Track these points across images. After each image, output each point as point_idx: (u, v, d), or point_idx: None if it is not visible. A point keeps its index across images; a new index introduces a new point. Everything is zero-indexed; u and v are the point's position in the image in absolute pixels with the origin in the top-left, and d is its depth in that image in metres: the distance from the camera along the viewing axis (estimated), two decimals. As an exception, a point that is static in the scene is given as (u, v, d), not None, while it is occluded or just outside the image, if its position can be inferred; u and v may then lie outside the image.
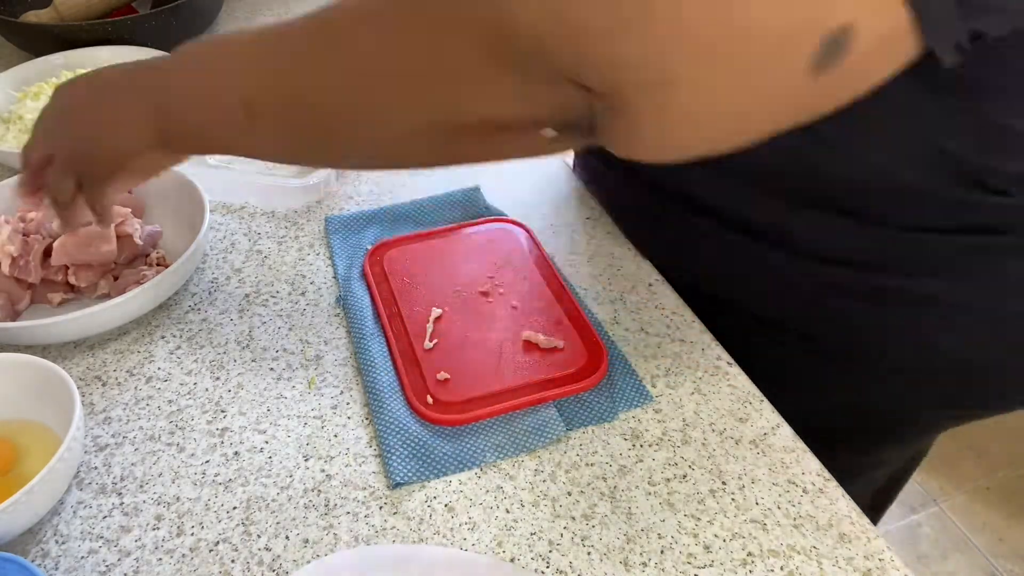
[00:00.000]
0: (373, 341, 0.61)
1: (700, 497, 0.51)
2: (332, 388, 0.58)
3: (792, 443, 0.54)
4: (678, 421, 0.56)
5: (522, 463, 0.53)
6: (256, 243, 0.72)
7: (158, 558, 0.47)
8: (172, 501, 0.51)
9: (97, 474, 0.52)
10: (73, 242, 0.63)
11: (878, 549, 0.48)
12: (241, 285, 0.67)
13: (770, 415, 0.56)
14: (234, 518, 0.50)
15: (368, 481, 0.52)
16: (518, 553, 0.48)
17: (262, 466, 0.53)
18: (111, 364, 0.60)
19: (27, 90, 0.86)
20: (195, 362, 0.60)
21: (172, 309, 0.65)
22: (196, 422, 0.56)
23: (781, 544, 0.48)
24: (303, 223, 0.74)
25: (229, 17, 1.14)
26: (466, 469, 0.52)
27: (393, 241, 0.70)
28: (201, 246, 0.65)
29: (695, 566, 0.47)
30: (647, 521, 0.49)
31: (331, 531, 0.49)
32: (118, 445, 0.54)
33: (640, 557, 0.47)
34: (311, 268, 0.69)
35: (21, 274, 0.63)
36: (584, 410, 0.56)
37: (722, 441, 0.54)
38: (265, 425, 0.55)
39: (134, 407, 0.57)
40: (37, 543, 0.48)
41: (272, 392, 0.58)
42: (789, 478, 0.52)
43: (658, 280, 0.68)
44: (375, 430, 0.55)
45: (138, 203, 0.72)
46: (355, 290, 0.65)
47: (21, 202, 0.57)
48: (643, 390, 0.57)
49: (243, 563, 0.47)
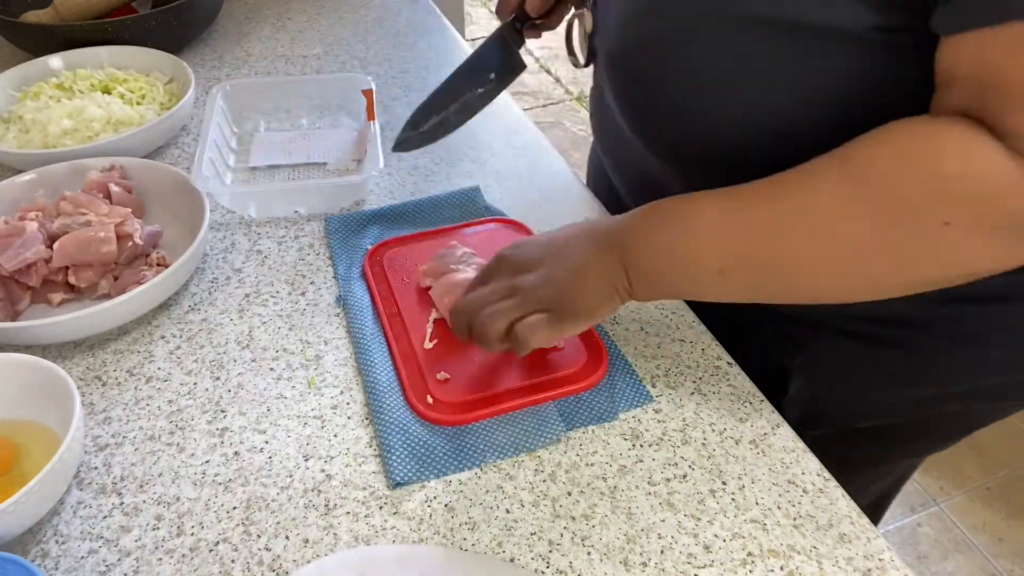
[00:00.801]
0: (373, 341, 0.61)
1: (700, 497, 0.51)
2: (332, 388, 0.58)
3: (792, 443, 0.54)
4: (678, 421, 0.56)
5: (522, 463, 0.53)
6: (256, 243, 0.72)
7: (158, 558, 0.47)
8: (172, 501, 0.51)
9: (97, 474, 0.52)
10: (73, 242, 0.63)
11: (878, 549, 0.48)
12: (241, 285, 0.67)
13: (770, 415, 0.56)
14: (234, 518, 0.50)
15: (368, 481, 0.52)
16: (518, 553, 0.48)
17: (262, 466, 0.53)
18: (111, 364, 0.60)
19: (27, 90, 0.86)
20: (195, 362, 0.60)
21: (172, 309, 0.65)
22: (196, 422, 0.56)
23: (781, 544, 0.48)
24: (303, 223, 0.74)
25: (229, 17, 1.14)
26: (466, 469, 0.52)
27: (393, 241, 0.70)
28: (201, 246, 0.65)
29: (695, 566, 0.47)
30: (647, 521, 0.49)
31: (331, 531, 0.49)
32: (118, 445, 0.54)
33: (640, 557, 0.47)
34: (311, 268, 0.69)
35: (22, 277, 0.63)
36: (584, 410, 0.56)
37: (722, 441, 0.54)
38: (265, 425, 0.55)
39: (134, 407, 0.57)
40: (37, 543, 0.48)
41: (272, 392, 0.58)
42: (789, 478, 0.52)
43: (658, 280, 0.68)
44: (375, 430, 0.55)
45: (138, 203, 0.72)
46: (355, 290, 0.65)
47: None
48: (643, 390, 0.57)
49: (243, 563, 0.47)
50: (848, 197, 0.44)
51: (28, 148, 0.79)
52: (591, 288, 0.51)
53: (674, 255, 0.50)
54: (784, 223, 0.46)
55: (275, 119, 0.89)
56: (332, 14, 1.16)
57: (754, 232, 0.47)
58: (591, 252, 0.52)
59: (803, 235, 0.46)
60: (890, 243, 0.43)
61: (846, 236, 0.44)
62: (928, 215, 0.42)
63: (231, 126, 0.86)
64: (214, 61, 1.03)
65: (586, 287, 0.51)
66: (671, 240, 0.50)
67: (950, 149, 0.41)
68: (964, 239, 0.42)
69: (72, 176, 0.73)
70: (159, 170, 0.73)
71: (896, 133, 0.43)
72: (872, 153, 0.43)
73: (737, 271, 0.48)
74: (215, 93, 0.83)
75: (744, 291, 0.50)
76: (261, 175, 0.82)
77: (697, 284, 0.50)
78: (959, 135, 0.41)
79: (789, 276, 0.48)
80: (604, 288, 0.51)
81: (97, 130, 0.80)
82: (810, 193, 0.45)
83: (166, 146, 0.85)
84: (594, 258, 0.52)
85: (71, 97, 0.85)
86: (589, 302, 0.52)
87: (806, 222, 0.45)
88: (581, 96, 2.90)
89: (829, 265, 0.46)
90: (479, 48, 0.70)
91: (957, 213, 0.41)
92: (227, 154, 0.82)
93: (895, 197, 0.42)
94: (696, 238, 0.49)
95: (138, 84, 0.88)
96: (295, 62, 1.03)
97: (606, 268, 0.51)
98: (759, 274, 0.48)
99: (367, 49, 1.06)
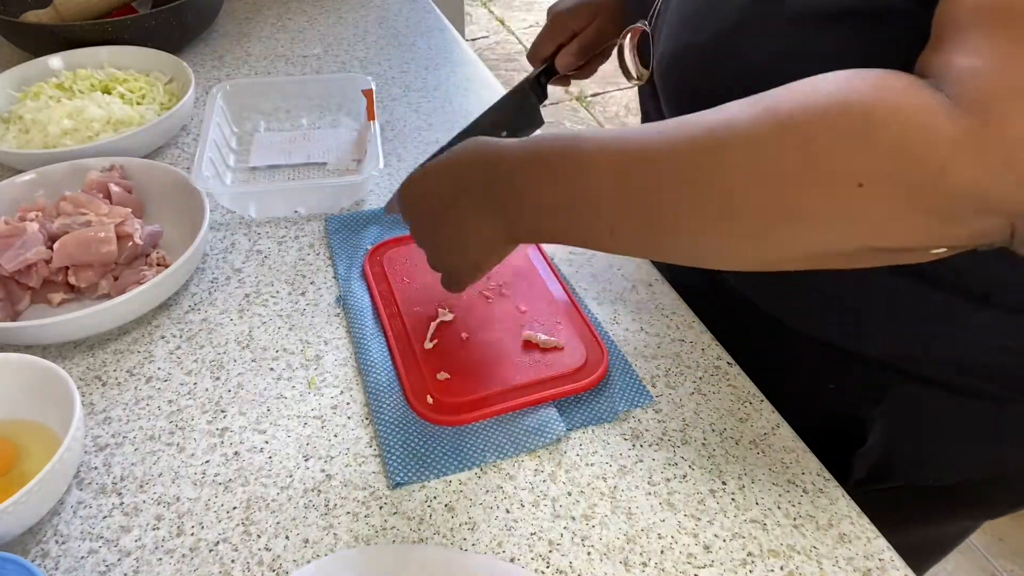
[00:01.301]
0: (373, 341, 0.61)
1: (700, 497, 0.51)
2: (332, 388, 0.58)
3: (792, 443, 0.54)
4: (678, 421, 0.56)
5: (522, 463, 0.53)
6: (256, 243, 0.72)
7: (158, 558, 0.47)
8: (172, 501, 0.51)
9: (97, 474, 0.52)
10: (73, 242, 0.63)
11: (878, 549, 0.48)
12: (241, 285, 0.67)
13: (770, 415, 0.56)
14: (234, 518, 0.50)
15: (368, 481, 0.52)
16: (518, 553, 0.48)
17: (262, 466, 0.53)
18: (111, 364, 0.60)
19: (27, 90, 0.86)
20: (195, 362, 0.60)
21: (172, 309, 0.65)
22: (196, 422, 0.56)
23: (781, 544, 0.48)
24: (303, 223, 0.74)
25: (229, 17, 1.14)
26: (466, 469, 0.52)
27: (393, 241, 0.70)
28: (201, 246, 0.65)
29: (695, 566, 0.47)
30: (647, 521, 0.49)
31: (331, 531, 0.49)
32: (118, 445, 0.54)
33: (640, 557, 0.47)
34: (311, 268, 0.69)
35: (22, 278, 0.63)
36: (584, 410, 0.56)
37: (722, 441, 0.54)
38: (265, 425, 0.55)
39: (134, 407, 0.57)
40: (37, 543, 0.48)
41: (272, 392, 0.58)
42: (789, 478, 0.52)
43: (658, 280, 0.68)
44: (375, 430, 0.55)
45: (138, 203, 0.72)
46: (355, 290, 0.65)
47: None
48: (643, 390, 0.57)
49: (243, 563, 0.47)
50: (750, 143, 0.38)
51: (28, 148, 0.79)
52: (473, 252, 0.52)
53: (563, 216, 0.46)
54: (677, 169, 0.41)
55: (275, 119, 0.89)
56: (332, 14, 1.16)
57: (649, 187, 0.42)
58: (471, 213, 0.50)
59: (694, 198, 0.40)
60: (788, 199, 0.37)
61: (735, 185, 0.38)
62: (841, 172, 0.35)
63: (231, 126, 0.86)
64: (214, 61, 1.03)
65: (467, 253, 0.52)
66: (560, 201, 0.46)
67: (881, 96, 0.35)
68: (877, 205, 0.35)
69: (72, 176, 0.73)
70: (159, 170, 0.73)
71: (830, 78, 0.37)
72: (793, 98, 0.37)
73: (627, 229, 0.44)
74: (215, 93, 0.83)
75: (632, 247, 0.48)
76: (261, 175, 0.82)
77: (585, 241, 0.47)
78: (902, 83, 0.35)
79: (678, 239, 0.43)
80: (487, 246, 0.51)
81: (97, 130, 0.80)
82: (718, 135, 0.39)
83: (166, 146, 0.85)
84: (474, 221, 0.50)
85: (71, 97, 0.85)
86: (475, 262, 0.53)
87: (701, 163, 0.40)
88: (581, 96, 2.90)
89: (719, 230, 0.40)
90: (500, 101, 0.68)
91: (873, 172, 0.34)
92: (227, 154, 0.82)
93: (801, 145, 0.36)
94: (588, 202, 0.44)
95: (138, 84, 0.88)
96: (295, 62, 1.03)
97: (489, 229, 0.49)
98: (647, 229, 0.44)
99: (367, 49, 1.06)
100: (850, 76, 0.36)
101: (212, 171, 0.75)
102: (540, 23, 0.85)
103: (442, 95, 0.95)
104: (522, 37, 3.26)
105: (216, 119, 0.81)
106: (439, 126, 0.89)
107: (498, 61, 3.07)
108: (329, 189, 0.75)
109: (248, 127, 0.87)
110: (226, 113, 0.85)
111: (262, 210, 0.75)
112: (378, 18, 1.15)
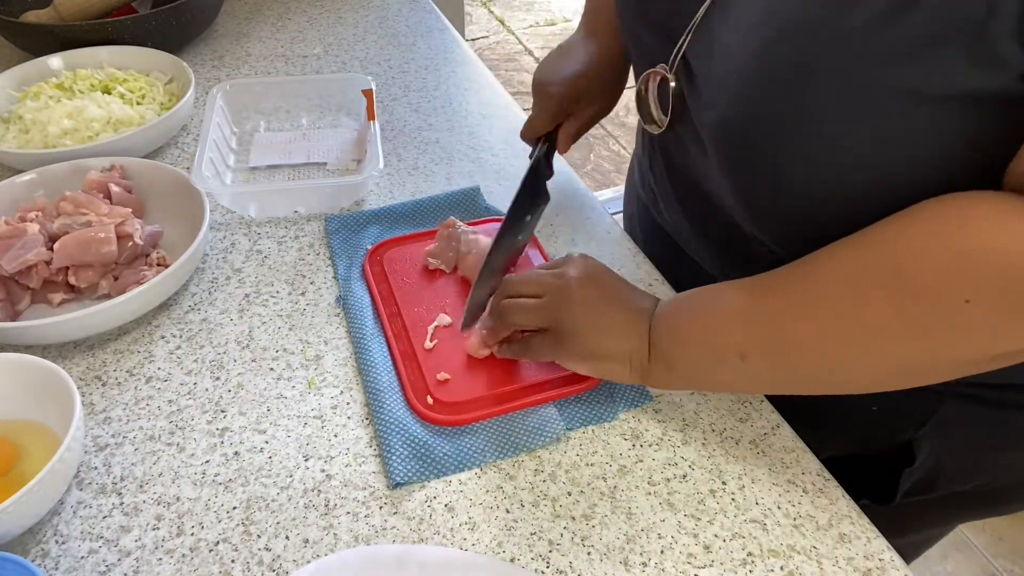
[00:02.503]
0: (373, 341, 0.61)
1: (700, 497, 0.51)
2: (332, 388, 0.58)
3: (792, 443, 0.54)
4: (678, 421, 0.56)
5: (522, 463, 0.53)
6: (256, 243, 0.72)
7: (158, 558, 0.47)
8: (172, 501, 0.51)
9: (97, 474, 0.52)
10: (73, 242, 0.63)
11: (878, 549, 0.48)
12: (241, 285, 0.67)
13: (770, 415, 0.56)
14: (234, 518, 0.50)
15: (368, 481, 0.52)
16: (518, 553, 0.48)
17: (262, 466, 0.53)
18: (111, 364, 0.60)
19: (27, 90, 0.86)
20: (195, 362, 0.60)
21: (172, 309, 0.65)
22: (196, 422, 0.56)
23: (781, 544, 0.48)
24: (303, 223, 0.75)
25: (229, 17, 1.14)
26: (466, 469, 0.52)
27: (393, 241, 0.70)
28: (201, 246, 0.65)
29: (695, 566, 0.47)
30: (647, 521, 0.49)
31: (331, 531, 0.49)
32: (118, 445, 0.54)
33: (640, 557, 0.47)
34: (311, 268, 0.69)
35: (23, 278, 0.63)
36: (584, 410, 0.56)
37: (722, 441, 0.54)
38: (265, 425, 0.55)
39: (134, 407, 0.57)
40: (37, 543, 0.48)
41: (272, 392, 0.58)
42: (789, 478, 0.52)
43: (658, 280, 0.68)
44: (375, 430, 0.55)
45: (138, 203, 0.72)
46: (355, 290, 0.65)
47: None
48: (643, 390, 0.57)
49: (243, 563, 0.47)
50: (865, 277, 0.43)
51: (28, 148, 0.79)
52: (608, 338, 0.53)
53: (696, 340, 0.50)
54: (803, 305, 0.46)
55: (275, 119, 0.89)
56: (332, 14, 1.16)
57: (775, 315, 0.47)
58: (620, 313, 0.53)
59: (822, 317, 0.45)
60: (909, 323, 0.42)
61: (864, 317, 0.43)
62: (947, 292, 0.40)
63: (231, 126, 0.86)
64: (214, 61, 1.03)
65: (603, 335, 0.53)
66: (694, 328, 0.50)
67: (975, 222, 0.39)
68: (985, 317, 0.40)
69: (72, 176, 0.73)
70: (159, 170, 0.73)
71: (921, 210, 0.42)
72: (891, 230, 0.42)
73: (758, 355, 0.47)
74: (215, 93, 0.83)
75: (764, 375, 0.49)
76: (261, 175, 0.82)
77: (717, 369, 0.50)
78: (990, 208, 0.39)
79: (808, 358, 0.47)
80: (621, 345, 0.52)
81: (97, 130, 0.80)
82: (827, 276, 0.45)
83: (166, 146, 0.85)
84: (621, 318, 0.53)
85: (71, 97, 0.85)
86: (600, 346, 0.53)
87: (825, 304, 0.45)
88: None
89: (848, 347, 0.45)
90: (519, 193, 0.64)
91: (977, 289, 0.39)
92: (227, 154, 0.82)
93: (911, 274, 0.41)
94: (719, 320, 0.49)
95: (138, 84, 0.88)
96: (295, 62, 1.03)
97: (631, 336, 0.52)
98: (779, 356, 0.47)
99: (367, 49, 1.06)
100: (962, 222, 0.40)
101: (212, 171, 0.74)
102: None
103: (442, 95, 0.95)
104: (522, 37, 3.26)
105: (216, 119, 0.81)
106: (439, 126, 0.89)
107: (498, 61, 3.07)
108: (329, 189, 0.75)
109: (248, 127, 0.87)
110: (226, 113, 0.85)
111: (262, 210, 0.75)
112: (378, 18, 1.15)
